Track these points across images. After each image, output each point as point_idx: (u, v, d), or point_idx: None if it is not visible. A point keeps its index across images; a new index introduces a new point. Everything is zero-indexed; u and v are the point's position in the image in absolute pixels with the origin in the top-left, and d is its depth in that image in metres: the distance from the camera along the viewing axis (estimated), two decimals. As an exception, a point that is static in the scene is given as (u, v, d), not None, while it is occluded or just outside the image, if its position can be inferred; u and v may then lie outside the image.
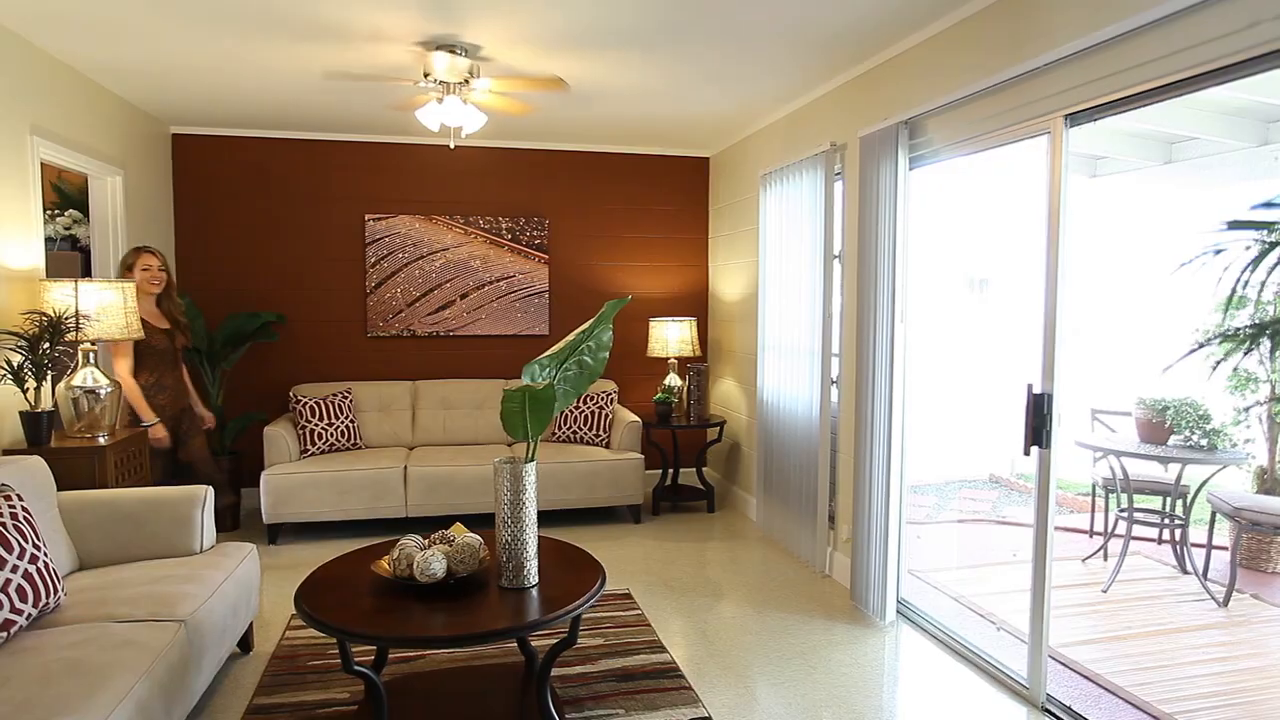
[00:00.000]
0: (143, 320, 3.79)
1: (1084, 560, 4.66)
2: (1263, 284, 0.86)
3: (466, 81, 3.60)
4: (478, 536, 2.63)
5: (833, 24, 3.30)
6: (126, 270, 3.88)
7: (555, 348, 2.57)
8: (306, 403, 4.99)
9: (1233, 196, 4.95)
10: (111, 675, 2.07)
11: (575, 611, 2.38)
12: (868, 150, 3.63)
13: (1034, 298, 2.86)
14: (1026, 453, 2.86)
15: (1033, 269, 2.87)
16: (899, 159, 3.42)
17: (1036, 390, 2.83)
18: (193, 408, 4.33)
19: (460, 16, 3.22)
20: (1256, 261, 0.77)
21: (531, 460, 2.53)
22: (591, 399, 5.41)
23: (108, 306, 3.43)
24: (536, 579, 2.56)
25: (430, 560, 2.46)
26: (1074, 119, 2.68)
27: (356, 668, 2.31)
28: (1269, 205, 0.90)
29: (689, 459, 5.86)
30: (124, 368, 3.79)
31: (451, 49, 3.52)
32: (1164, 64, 2.28)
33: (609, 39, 3.47)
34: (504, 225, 5.73)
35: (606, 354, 2.69)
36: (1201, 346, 1.05)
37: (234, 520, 5.02)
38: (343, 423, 5.08)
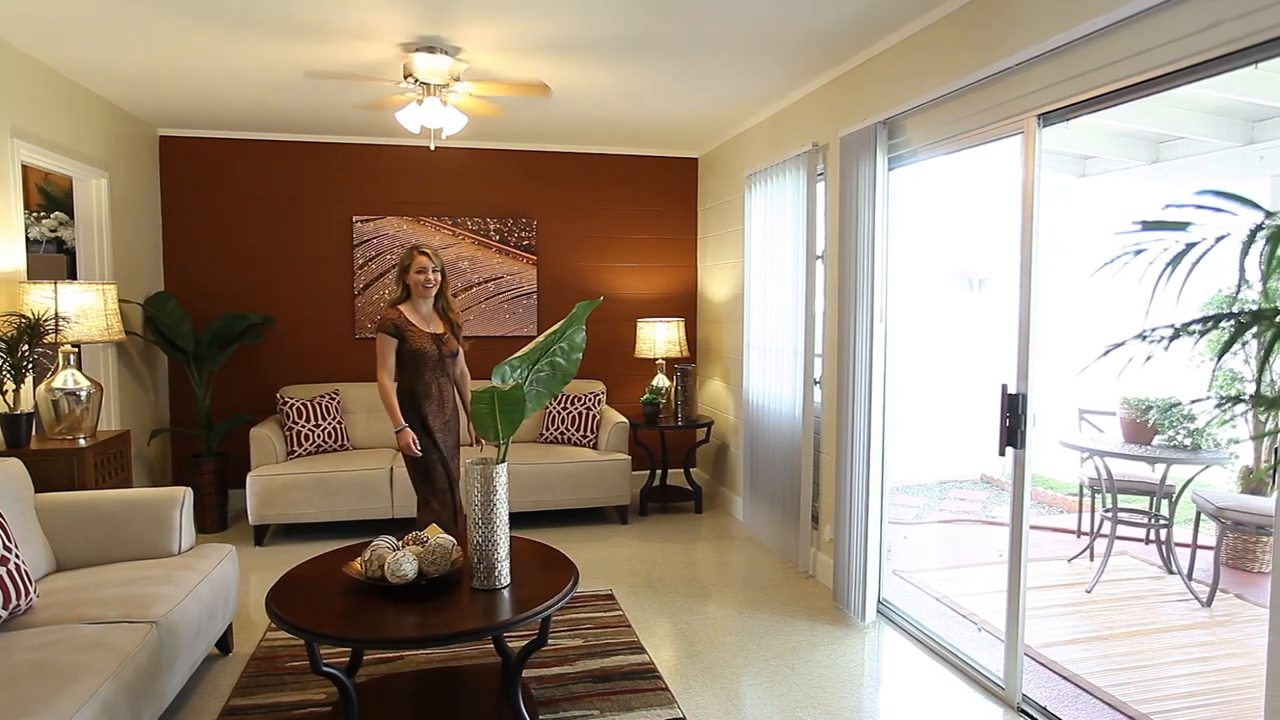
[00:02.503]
0: (410, 325, 3.50)
1: (1070, 560, 4.66)
2: (1184, 282, 0.87)
3: (446, 85, 3.60)
4: (450, 538, 2.63)
5: (811, 24, 3.30)
6: (402, 273, 3.55)
7: (526, 349, 2.58)
8: (294, 404, 5.00)
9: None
10: (77, 677, 2.08)
11: (545, 612, 2.38)
12: (848, 150, 3.63)
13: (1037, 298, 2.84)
14: (1001, 453, 2.86)
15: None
16: (877, 159, 3.42)
17: (1011, 390, 2.82)
18: (459, 420, 3.76)
19: (444, 19, 3.23)
20: (1176, 261, 0.77)
21: (502, 461, 2.53)
22: (579, 400, 5.42)
23: (87, 308, 3.44)
24: (508, 580, 2.56)
25: (401, 561, 2.46)
26: (1047, 119, 2.68)
27: (325, 669, 2.31)
28: (1178, 206, 0.90)
29: (677, 459, 5.86)
30: (384, 376, 3.47)
31: (432, 49, 3.52)
32: (1132, 64, 2.27)
33: (592, 38, 3.48)
34: (492, 226, 5.73)
35: (579, 355, 2.70)
36: (1118, 346, 1.05)
37: (221, 521, 5.03)
38: (330, 424, 5.09)
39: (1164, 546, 4.34)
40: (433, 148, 5.06)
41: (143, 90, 4.29)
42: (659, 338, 5.52)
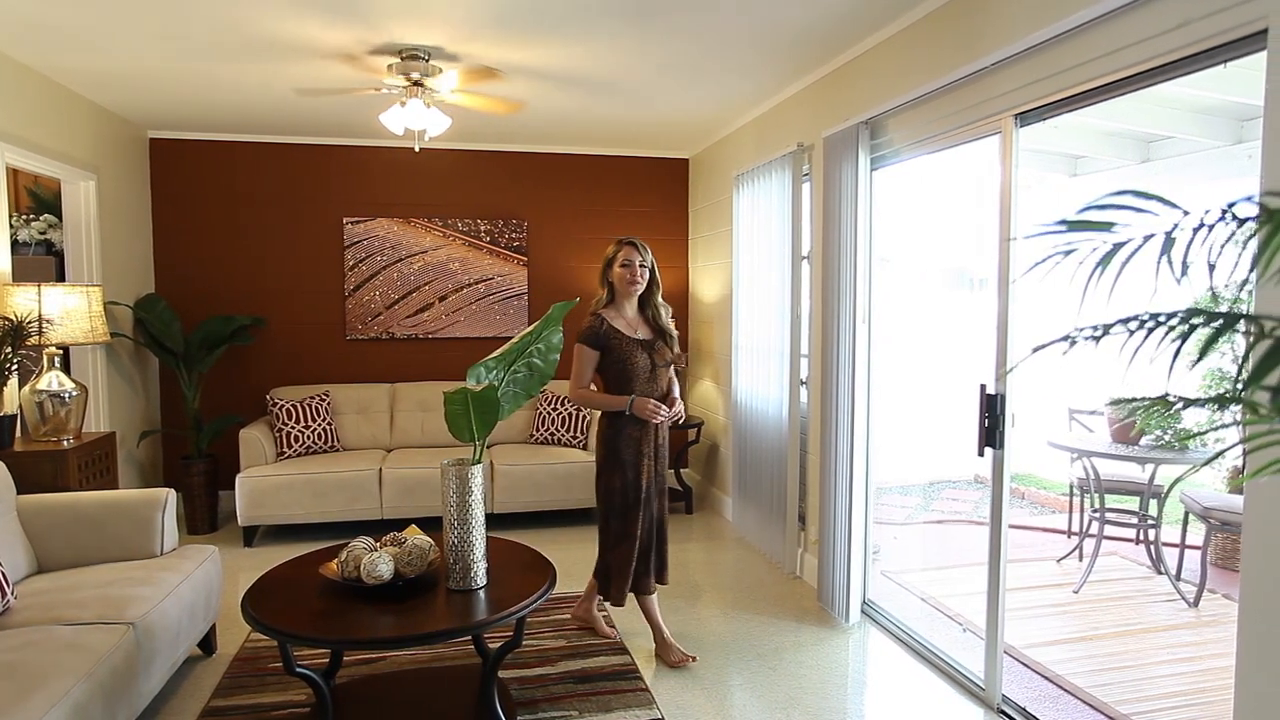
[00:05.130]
0: (615, 331, 3.07)
1: (1059, 561, 4.65)
2: (1114, 282, 0.87)
3: (420, 83, 3.60)
4: (428, 539, 2.63)
5: (794, 25, 3.30)
6: (606, 267, 3.15)
7: (501, 349, 2.58)
8: (284, 405, 5.01)
9: (1208, 194, 4.94)
10: (50, 678, 2.08)
11: (519, 613, 2.39)
12: (831, 150, 3.63)
13: (1028, 297, 2.84)
14: (981, 454, 2.85)
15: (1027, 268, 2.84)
16: (860, 159, 3.42)
17: (990, 390, 2.82)
18: (664, 449, 3.25)
19: (419, 17, 3.23)
20: (1105, 261, 0.77)
21: (478, 463, 2.54)
22: (569, 400, 5.41)
23: (72, 311, 3.45)
24: (485, 580, 2.57)
25: (377, 562, 2.46)
26: (1024, 118, 2.68)
27: (298, 669, 2.31)
28: (1102, 208, 0.90)
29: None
30: (575, 386, 3.10)
31: (416, 55, 3.52)
32: (1104, 63, 2.27)
33: (575, 27, 3.47)
34: (483, 228, 5.74)
35: (557, 356, 2.71)
36: (1044, 348, 1.05)
37: (211, 523, 5.03)
38: (320, 425, 5.09)
39: (1152, 547, 4.33)
40: (417, 149, 5.07)
41: (131, 93, 4.30)
42: (649, 338, 5.51)
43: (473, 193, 5.76)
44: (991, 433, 2.81)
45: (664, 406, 3.05)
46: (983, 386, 2.84)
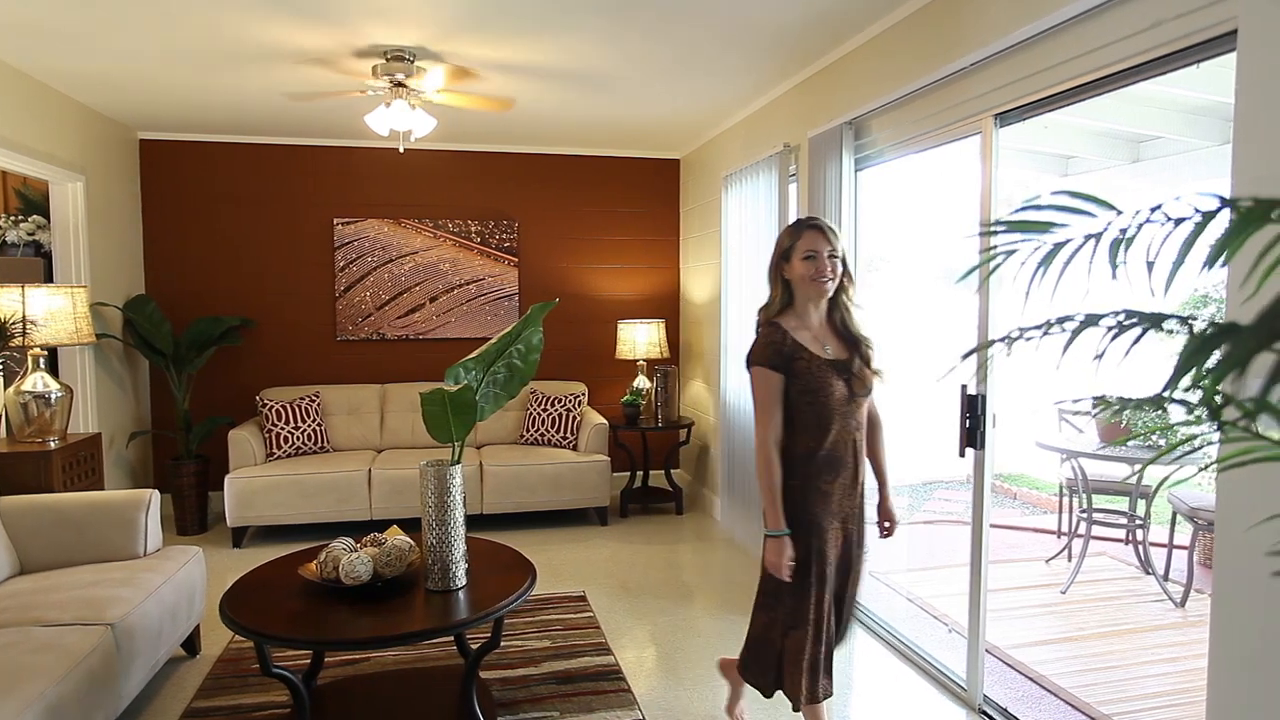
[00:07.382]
0: (800, 348, 2.20)
1: (1048, 561, 4.65)
2: (1057, 282, 0.87)
3: (404, 84, 3.59)
4: (408, 539, 2.63)
5: (777, 26, 3.29)
6: (780, 262, 2.29)
7: (479, 350, 2.58)
8: (273, 406, 5.00)
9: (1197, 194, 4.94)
10: (24, 680, 2.08)
11: (497, 613, 2.38)
12: (816, 151, 3.63)
13: (1015, 297, 2.84)
14: (961, 454, 2.85)
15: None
16: (844, 159, 3.42)
17: (971, 391, 2.82)
18: (863, 507, 2.39)
19: (394, 18, 3.23)
20: (1046, 262, 0.78)
21: (457, 463, 2.54)
22: (559, 401, 5.42)
23: (56, 312, 3.45)
24: (464, 581, 2.56)
25: (356, 563, 2.46)
26: (1003, 118, 2.68)
27: (275, 670, 2.31)
28: (1037, 208, 0.90)
29: (659, 461, 5.86)
30: (768, 436, 2.19)
31: (399, 56, 3.52)
32: (1080, 63, 2.27)
33: (557, 25, 3.47)
34: (473, 229, 5.74)
35: (537, 356, 2.71)
36: (974, 352, 1.05)
37: (201, 524, 5.03)
38: (310, 426, 5.09)
39: (1138, 547, 4.33)
40: (401, 150, 5.07)
41: (120, 95, 4.30)
42: (639, 339, 5.52)
43: (463, 193, 5.76)
44: (973, 433, 2.81)
45: (782, 565, 2.17)
46: (964, 387, 2.84)
